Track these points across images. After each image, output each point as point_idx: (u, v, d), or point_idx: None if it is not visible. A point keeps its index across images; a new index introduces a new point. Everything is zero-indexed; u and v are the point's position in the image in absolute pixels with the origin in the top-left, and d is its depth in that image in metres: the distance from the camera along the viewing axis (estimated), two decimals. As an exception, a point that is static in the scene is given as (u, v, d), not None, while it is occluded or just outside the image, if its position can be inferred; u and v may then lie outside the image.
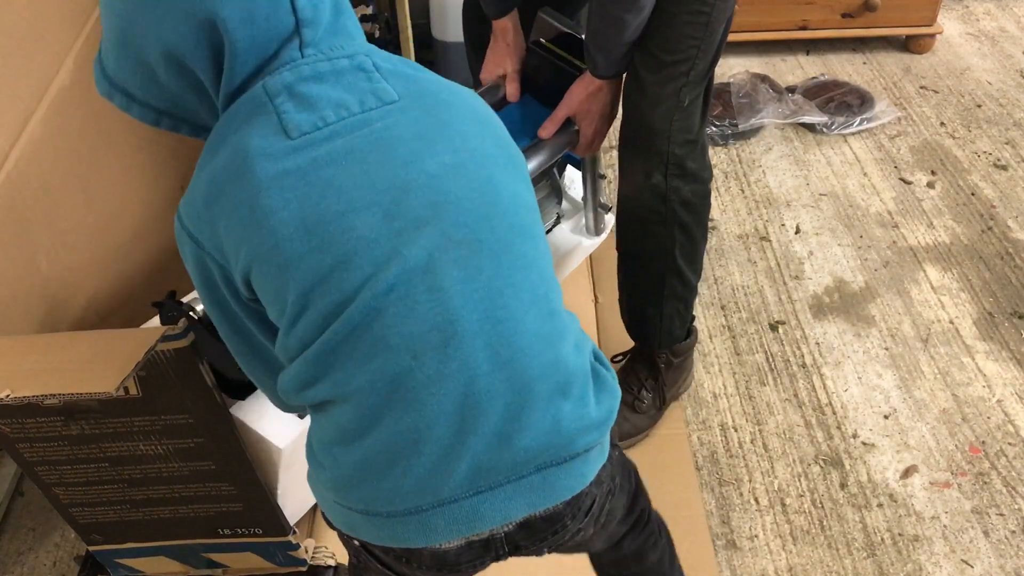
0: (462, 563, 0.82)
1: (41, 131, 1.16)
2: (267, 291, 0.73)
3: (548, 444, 0.75)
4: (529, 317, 0.75)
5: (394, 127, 0.73)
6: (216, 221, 0.73)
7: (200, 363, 0.84)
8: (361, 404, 0.72)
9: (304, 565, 1.21)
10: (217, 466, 1.01)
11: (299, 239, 0.70)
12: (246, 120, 0.73)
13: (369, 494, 0.75)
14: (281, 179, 0.70)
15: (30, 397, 0.69)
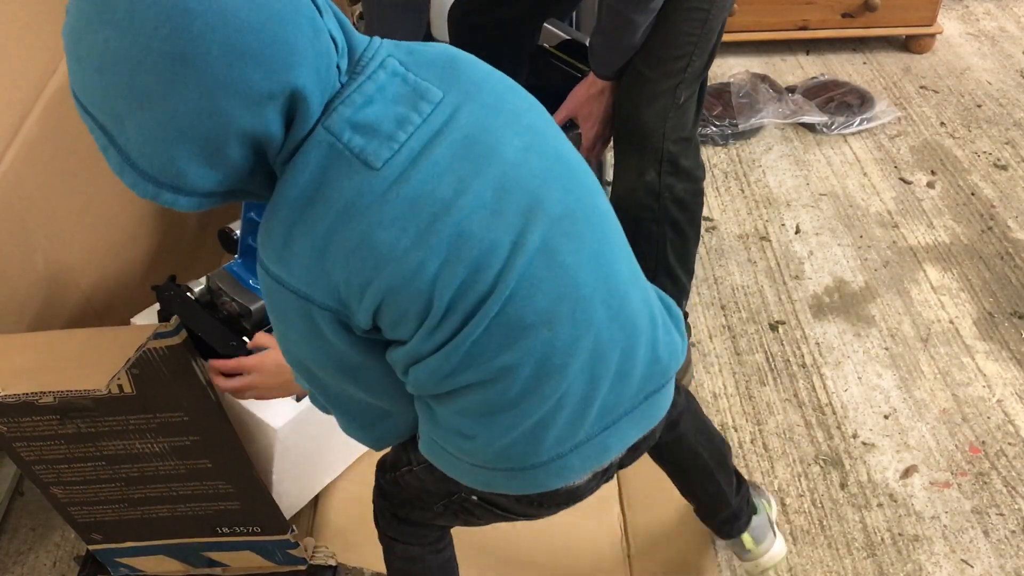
0: (585, 493, 0.93)
1: (38, 131, 1.16)
2: (400, 316, 0.76)
3: (651, 373, 0.86)
4: (621, 266, 0.83)
5: (458, 127, 0.75)
6: (331, 272, 0.74)
7: (193, 360, 0.84)
8: (507, 381, 0.79)
9: (304, 564, 1.21)
10: (214, 464, 1.01)
11: (429, 261, 0.73)
12: (324, 167, 0.73)
13: (516, 454, 0.83)
14: (388, 211, 0.72)
15: (24, 395, 0.68)
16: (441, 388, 0.81)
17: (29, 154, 1.15)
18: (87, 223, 1.28)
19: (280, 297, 0.77)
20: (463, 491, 0.93)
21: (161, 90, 0.66)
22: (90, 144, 1.29)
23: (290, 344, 0.82)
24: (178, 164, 0.70)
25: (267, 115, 0.69)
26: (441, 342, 0.77)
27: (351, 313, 0.76)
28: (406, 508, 1.06)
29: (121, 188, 1.39)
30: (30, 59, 1.19)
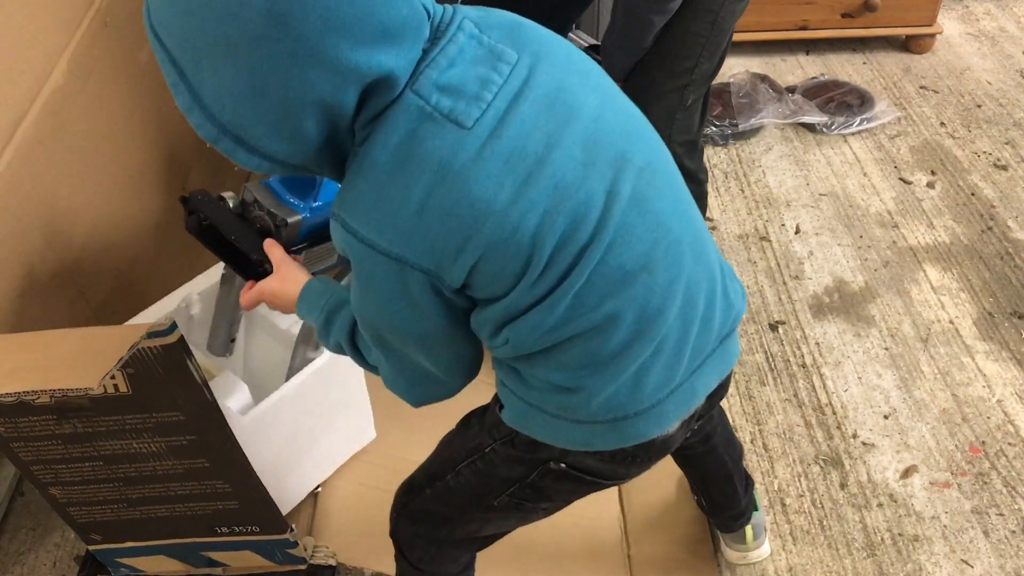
0: (673, 443, 0.94)
1: (35, 132, 1.16)
2: (499, 271, 0.77)
3: (725, 317, 0.90)
4: (695, 213, 0.87)
5: (537, 86, 0.77)
6: (428, 232, 0.75)
7: (188, 359, 0.84)
8: (611, 329, 0.80)
9: (304, 563, 1.21)
10: (211, 463, 1.01)
11: (530, 213, 0.74)
12: (413, 129, 0.74)
13: (620, 403, 0.85)
14: (483, 168, 0.73)
15: (20, 395, 0.68)
16: (541, 343, 0.82)
17: (27, 154, 1.15)
18: (85, 224, 1.28)
19: (371, 261, 0.77)
20: (550, 462, 0.93)
21: (249, 45, 0.67)
22: (87, 146, 1.30)
23: (370, 308, 0.83)
24: (247, 119, 0.72)
25: (348, 89, 0.71)
26: (542, 294, 0.78)
27: (444, 272, 0.77)
28: (448, 526, 1.05)
29: (119, 189, 1.39)
30: (28, 59, 1.19)
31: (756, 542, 1.39)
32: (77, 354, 0.74)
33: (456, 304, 0.81)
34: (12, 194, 1.11)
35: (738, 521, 1.37)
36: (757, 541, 1.39)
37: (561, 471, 0.93)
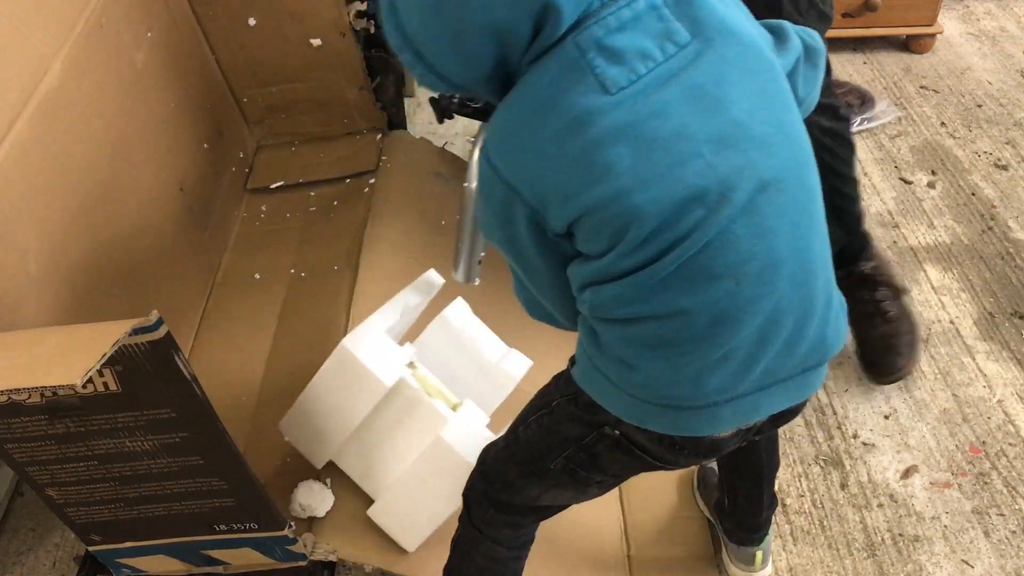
0: (725, 447, 0.96)
1: (29, 133, 1.16)
2: (595, 233, 0.80)
3: (814, 349, 0.88)
4: (816, 243, 0.85)
5: (694, 74, 0.78)
6: (544, 175, 0.80)
7: (176, 355, 0.84)
8: (684, 322, 0.82)
9: (304, 560, 1.21)
10: (205, 461, 1.01)
11: (637, 191, 0.77)
12: (561, 78, 0.78)
13: (675, 392, 0.86)
14: (612, 135, 0.76)
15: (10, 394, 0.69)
16: (617, 314, 0.84)
17: (20, 156, 1.15)
18: (82, 226, 1.28)
19: (492, 183, 0.83)
20: (606, 426, 0.94)
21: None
22: (82, 147, 1.30)
23: (487, 221, 0.89)
24: (427, 34, 0.79)
25: (521, 14, 0.76)
26: (630, 269, 0.80)
27: (548, 216, 0.81)
28: (509, 490, 1.07)
29: (115, 191, 1.39)
30: (22, 60, 1.20)
31: (763, 568, 1.38)
32: (62, 352, 0.74)
33: (560, 248, 0.85)
34: (7, 195, 1.12)
35: (753, 535, 1.36)
36: (764, 567, 1.38)
37: (615, 439, 0.95)
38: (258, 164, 1.93)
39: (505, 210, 0.84)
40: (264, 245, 1.75)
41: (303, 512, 1.23)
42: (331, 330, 1.50)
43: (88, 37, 1.34)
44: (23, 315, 1.12)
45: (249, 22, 1.73)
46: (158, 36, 1.57)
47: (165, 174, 1.55)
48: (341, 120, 1.93)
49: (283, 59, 1.80)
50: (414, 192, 1.82)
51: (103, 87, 1.37)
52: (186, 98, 1.66)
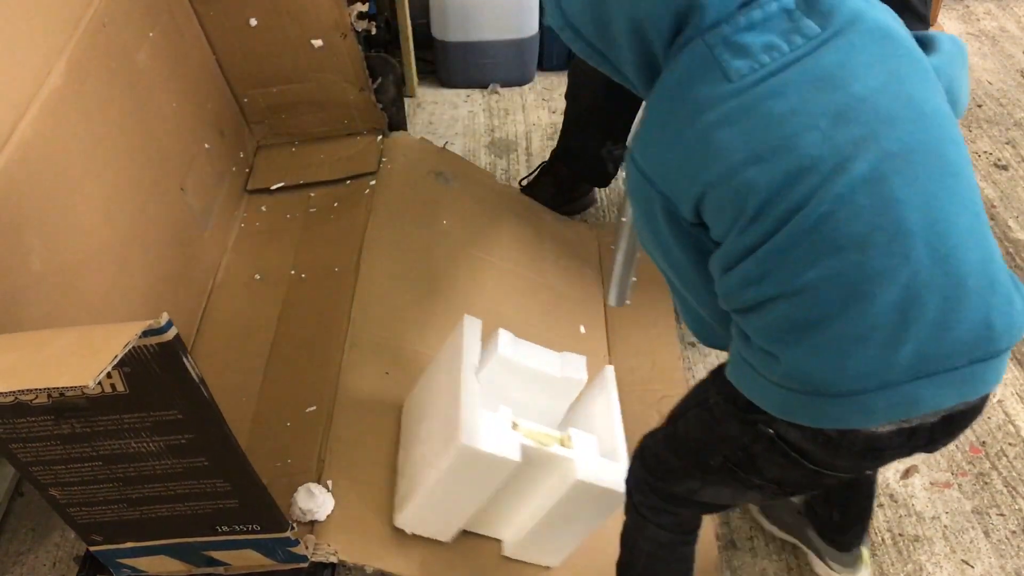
0: (888, 449, 0.90)
1: (32, 133, 1.16)
2: (718, 211, 0.84)
3: (979, 338, 0.83)
4: (961, 219, 0.83)
5: (817, 59, 0.81)
6: (670, 161, 0.86)
7: (184, 357, 0.84)
8: (811, 298, 0.82)
9: (305, 561, 1.21)
10: (210, 462, 1.01)
11: (750, 164, 0.80)
12: (691, 72, 0.84)
13: (818, 376, 0.84)
14: (728, 117, 0.81)
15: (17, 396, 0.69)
16: (746, 298, 0.86)
17: (23, 156, 1.15)
18: (84, 225, 1.28)
19: (634, 179, 0.89)
20: (760, 424, 0.93)
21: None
22: (85, 147, 1.30)
23: (637, 221, 0.94)
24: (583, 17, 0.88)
25: (661, 10, 0.83)
26: (751, 245, 0.83)
27: (679, 203, 0.86)
28: (670, 478, 1.08)
29: (117, 190, 1.39)
30: (25, 60, 1.20)
31: (868, 562, 1.37)
32: (72, 353, 0.74)
33: (699, 240, 0.89)
34: (9, 195, 1.12)
35: (860, 538, 1.35)
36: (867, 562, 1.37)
37: (770, 438, 0.93)
38: (258, 164, 1.93)
39: (646, 204, 0.89)
40: (264, 246, 1.75)
41: (304, 516, 1.23)
42: (331, 331, 1.50)
43: (91, 37, 1.34)
44: (26, 315, 1.12)
45: (250, 22, 1.73)
46: (160, 36, 1.57)
47: (166, 174, 1.55)
48: (342, 121, 1.93)
49: (284, 60, 1.80)
50: (414, 193, 1.83)
51: (105, 87, 1.37)
52: (187, 98, 1.66)
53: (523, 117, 2.44)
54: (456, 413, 1.16)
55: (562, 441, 1.22)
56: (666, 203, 0.87)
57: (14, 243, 1.12)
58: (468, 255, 1.76)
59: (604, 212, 2.12)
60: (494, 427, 1.17)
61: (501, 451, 1.15)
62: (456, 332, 1.31)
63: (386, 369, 1.47)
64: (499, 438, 1.16)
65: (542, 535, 1.29)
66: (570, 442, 1.22)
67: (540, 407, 1.36)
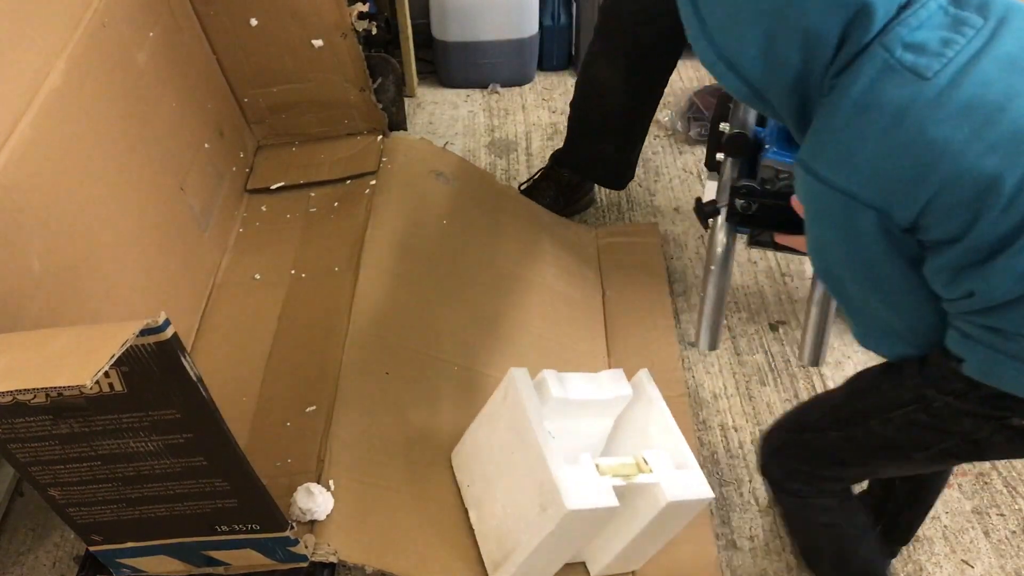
0: None
1: (31, 132, 1.17)
2: (949, 213, 0.84)
3: None
4: None
5: (999, 47, 0.83)
6: (887, 172, 0.84)
7: (183, 356, 0.84)
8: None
9: (305, 561, 1.21)
10: (209, 462, 1.01)
11: (987, 155, 0.80)
12: (876, 78, 0.84)
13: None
14: (941, 112, 0.81)
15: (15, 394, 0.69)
16: (1015, 291, 0.85)
17: (24, 155, 1.15)
18: (84, 225, 1.28)
19: (825, 198, 0.88)
20: (1014, 417, 0.94)
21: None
22: (85, 147, 1.30)
23: (823, 248, 0.94)
24: (742, 44, 0.86)
25: (833, 17, 0.83)
26: (1006, 234, 0.82)
27: (894, 209, 0.85)
28: (840, 466, 1.13)
29: (118, 190, 1.39)
30: (25, 59, 1.20)
31: None
32: (70, 352, 0.74)
33: (908, 248, 0.88)
34: (9, 194, 1.12)
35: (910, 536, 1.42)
36: None
37: (1017, 429, 0.95)
38: (259, 164, 1.93)
39: (846, 221, 0.88)
40: (264, 245, 1.75)
41: (303, 516, 1.23)
42: (331, 331, 1.50)
43: (91, 37, 1.34)
44: (26, 314, 1.12)
45: (251, 22, 1.73)
46: (160, 36, 1.57)
47: (166, 174, 1.55)
48: (342, 121, 1.93)
49: (284, 60, 1.80)
50: (414, 193, 1.83)
51: (105, 87, 1.37)
52: (187, 98, 1.66)
53: (523, 117, 2.44)
54: (548, 477, 1.17)
55: (639, 466, 1.23)
56: (878, 215, 0.86)
57: (14, 243, 1.12)
58: (468, 255, 1.76)
59: (604, 212, 2.12)
60: (585, 481, 1.18)
61: (601, 502, 1.16)
62: (508, 386, 1.30)
63: (386, 369, 1.47)
64: (595, 490, 1.17)
65: (630, 552, 1.31)
66: (647, 465, 1.23)
67: (590, 431, 1.38)
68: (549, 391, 1.28)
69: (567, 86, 2.50)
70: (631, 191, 2.16)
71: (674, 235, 2.05)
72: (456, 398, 1.51)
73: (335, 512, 1.25)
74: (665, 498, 1.19)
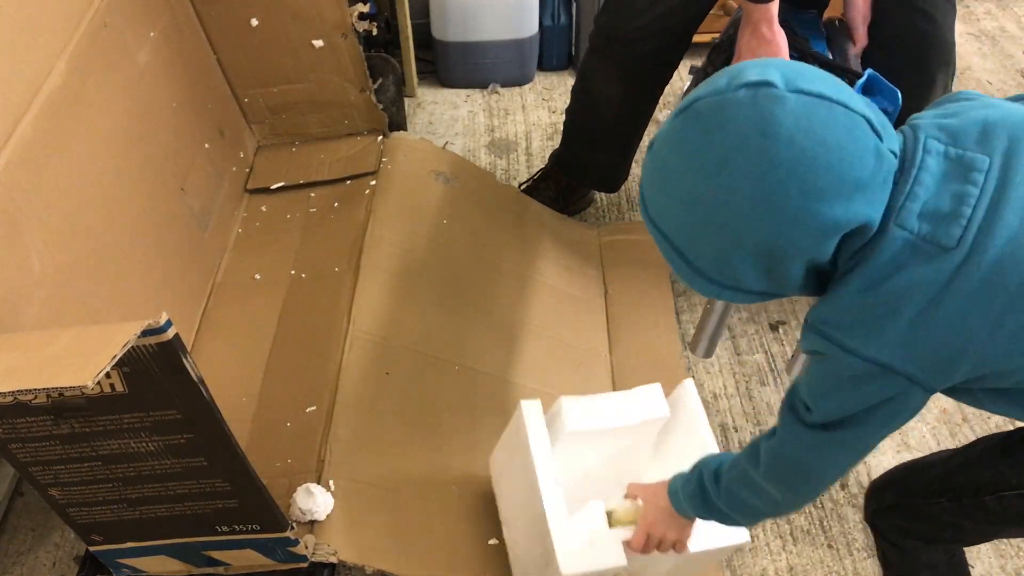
0: None
1: (32, 132, 1.17)
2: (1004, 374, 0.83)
3: None
4: None
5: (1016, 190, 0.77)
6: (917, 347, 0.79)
7: (184, 357, 0.84)
8: None
9: (305, 561, 1.21)
10: (209, 462, 1.01)
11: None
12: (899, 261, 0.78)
13: None
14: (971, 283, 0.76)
15: (17, 395, 0.69)
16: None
17: (24, 156, 1.15)
18: (84, 225, 1.28)
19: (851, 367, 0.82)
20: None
21: (739, 224, 0.77)
22: (85, 147, 1.30)
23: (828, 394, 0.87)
24: (740, 274, 0.81)
25: (828, 241, 0.77)
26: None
27: (933, 380, 0.81)
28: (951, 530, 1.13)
29: (118, 191, 1.39)
30: (26, 60, 1.20)
31: None
32: (71, 353, 0.74)
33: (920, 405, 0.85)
34: (12, 194, 1.12)
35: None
36: None
37: None
38: (259, 164, 1.93)
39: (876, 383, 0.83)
40: (264, 246, 1.75)
41: (303, 516, 1.23)
42: (331, 331, 1.50)
43: (92, 37, 1.34)
44: (27, 314, 1.12)
45: (251, 22, 1.73)
46: (161, 36, 1.57)
47: (166, 174, 1.55)
48: (342, 121, 1.93)
49: (285, 60, 1.81)
50: (414, 193, 1.83)
51: (106, 87, 1.37)
52: (188, 98, 1.66)
53: (523, 117, 2.44)
54: (547, 535, 1.10)
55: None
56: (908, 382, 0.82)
57: (15, 243, 1.12)
58: (468, 255, 1.76)
59: (604, 212, 2.12)
60: (591, 538, 1.11)
61: (605, 563, 1.10)
62: (517, 421, 1.23)
63: (386, 369, 1.47)
64: (599, 549, 1.10)
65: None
66: None
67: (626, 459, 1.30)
68: (564, 424, 1.20)
69: (567, 86, 2.50)
70: (631, 191, 2.16)
71: (674, 235, 2.05)
72: (456, 398, 1.51)
73: (335, 512, 1.25)
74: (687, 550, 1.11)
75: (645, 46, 1.67)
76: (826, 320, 0.83)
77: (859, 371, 0.82)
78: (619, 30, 1.68)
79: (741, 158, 0.74)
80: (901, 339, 0.79)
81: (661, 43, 1.66)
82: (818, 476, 0.94)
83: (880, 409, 0.84)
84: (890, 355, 0.80)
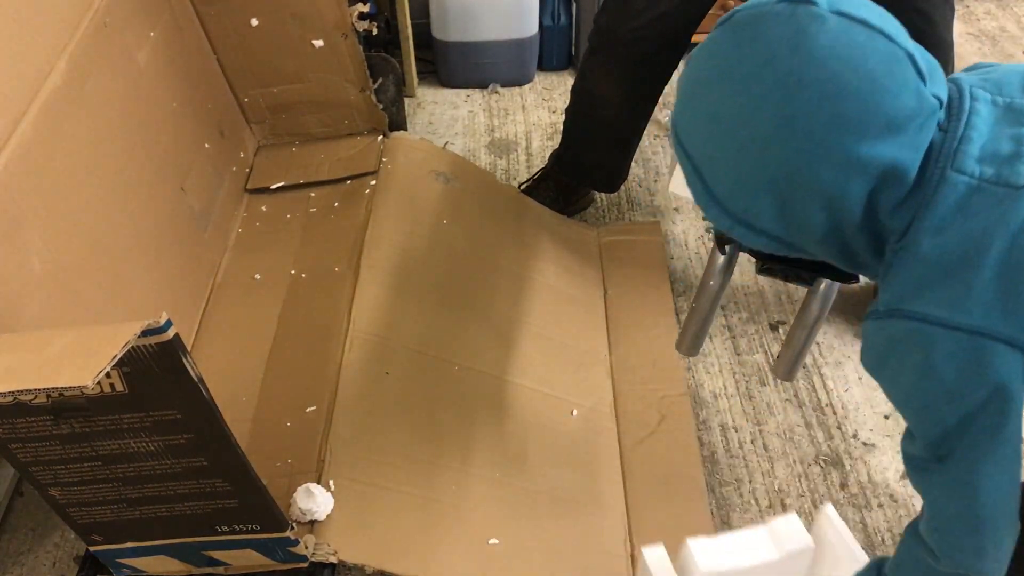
0: None
1: (33, 132, 1.17)
2: None
3: None
4: None
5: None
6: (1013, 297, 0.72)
7: (184, 357, 0.84)
8: None
9: (305, 561, 1.21)
10: (209, 462, 1.01)
11: None
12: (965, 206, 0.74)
13: None
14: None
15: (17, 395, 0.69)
16: None
17: (24, 156, 1.15)
18: (84, 225, 1.28)
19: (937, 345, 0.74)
20: None
21: (761, 145, 0.73)
22: (86, 146, 1.30)
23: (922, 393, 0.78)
24: (754, 206, 0.77)
25: (851, 183, 0.73)
26: None
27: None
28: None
29: (119, 190, 1.39)
30: (26, 59, 1.20)
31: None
32: (71, 353, 0.74)
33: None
34: (12, 194, 1.12)
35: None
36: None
37: None
38: (259, 164, 1.93)
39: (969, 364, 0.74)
40: (264, 245, 1.75)
41: (303, 516, 1.23)
42: (331, 331, 1.50)
43: (92, 37, 1.34)
44: (27, 315, 1.12)
45: (251, 22, 1.73)
46: (161, 36, 1.57)
47: (166, 173, 1.55)
48: (342, 121, 1.93)
49: (285, 59, 1.81)
50: (415, 192, 1.83)
51: (106, 87, 1.37)
52: (188, 98, 1.66)
53: (523, 117, 2.44)
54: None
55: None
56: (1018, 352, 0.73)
57: (15, 243, 1.12)
58: (468, 255, 1.76)
59: (604, 212, 2.12)
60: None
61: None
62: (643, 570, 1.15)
63: (386, 369, 1.47)
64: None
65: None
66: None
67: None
68: (696, 568, 1.08)
69: (567, 86, 2.50)
70: (631, 191, 2.16)
71: (674, 235, 2.05)
72: (457, 398, 1.51)
73: (335, 512, 1.25)
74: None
75: (645, 46, 1.67)
76: (901, 295, 0.76)
77: (953, 349, 0.73)
78: (618, 30, 1.68)
79: (769, 74, 0.71)
80: (991, 293, 0.72)
81: (661, 43, 1.67)
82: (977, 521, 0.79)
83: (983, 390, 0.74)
84: (983, 316, 0.72)
